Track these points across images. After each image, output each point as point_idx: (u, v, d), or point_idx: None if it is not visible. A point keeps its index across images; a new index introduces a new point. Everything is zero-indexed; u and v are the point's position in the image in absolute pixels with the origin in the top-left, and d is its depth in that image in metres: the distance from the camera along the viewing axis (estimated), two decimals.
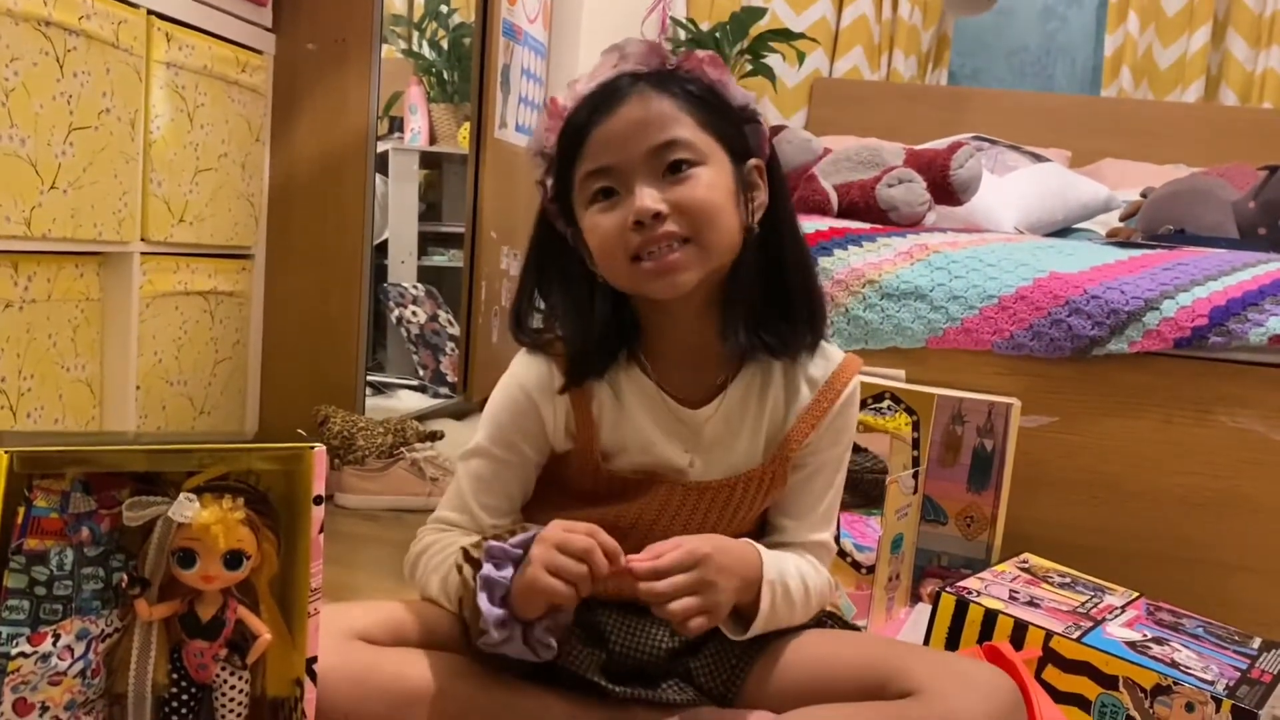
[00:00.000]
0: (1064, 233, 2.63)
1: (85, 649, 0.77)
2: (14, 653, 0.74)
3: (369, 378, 2.43)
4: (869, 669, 0.96)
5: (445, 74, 3.27)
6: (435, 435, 2.10)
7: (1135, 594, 1.39)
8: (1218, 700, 1.10)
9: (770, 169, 1.03)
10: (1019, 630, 1.21)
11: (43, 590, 0.75)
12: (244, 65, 1.99)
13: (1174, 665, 1.16)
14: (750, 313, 1.02)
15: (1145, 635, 1.23)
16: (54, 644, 0.75)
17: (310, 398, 2.13)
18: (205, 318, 1.96)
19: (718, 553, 0.94)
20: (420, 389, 2.97)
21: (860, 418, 1.54)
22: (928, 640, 1.27)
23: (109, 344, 1.70)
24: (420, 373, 3.02)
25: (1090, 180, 2.79)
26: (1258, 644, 1.29)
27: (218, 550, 0.78)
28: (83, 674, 0.77)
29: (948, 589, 1.28)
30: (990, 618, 1.24)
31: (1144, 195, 2.56)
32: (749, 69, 3.40)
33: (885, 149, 2.15)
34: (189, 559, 0.78)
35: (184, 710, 0.81)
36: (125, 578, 0.78)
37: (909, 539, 1.54)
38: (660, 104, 0.97)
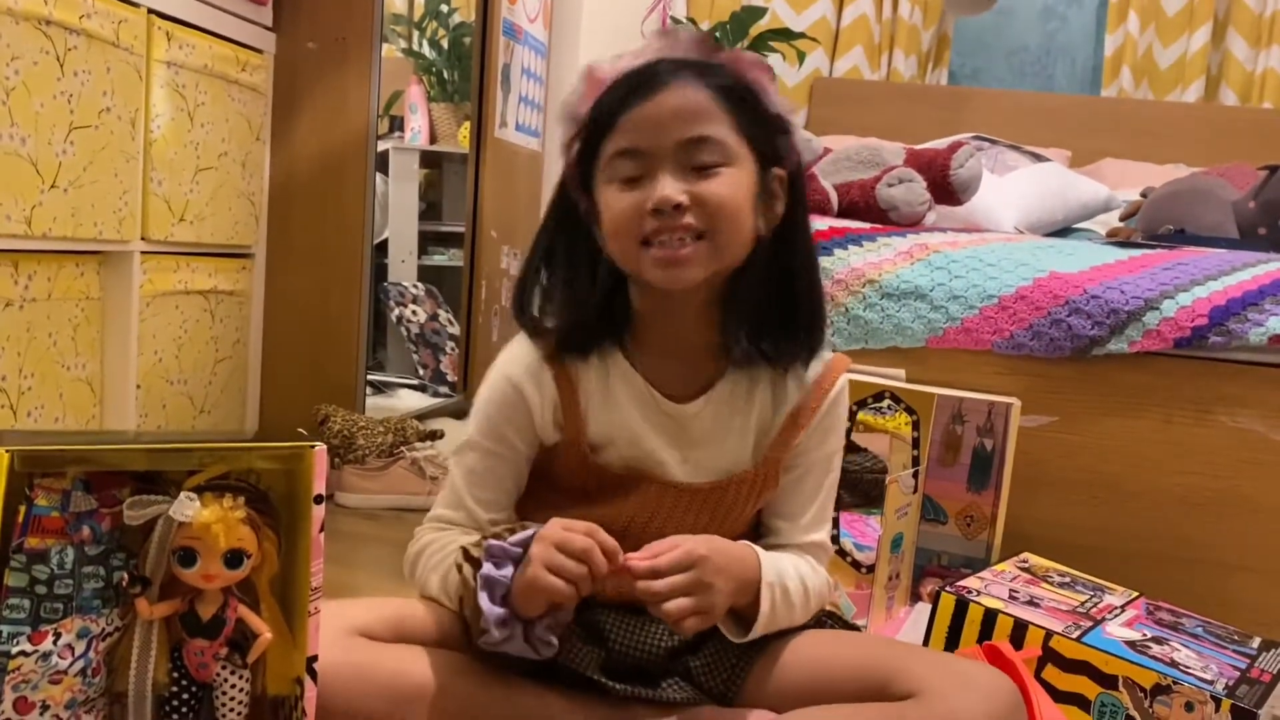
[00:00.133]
0: (1064, 232, 2.63)
1: (86, 648, 0.77)
2: (15, 651, 0.74)
3: (369, 377, 2.43)
4: (869, 669, 0.96)
5: (445, 73, 3.27)
6: (435, 434, 2.10)
7: (1135, 594, 1.40)
8: (1217, 700, 1.10)
9: (794, 182, 1.03)
10: (1019, 630, 1.21)
11: (43, 589, 0.75)
12: (244, 64, 1.99)
13: (1173, 665, 1.16)
14: (752, 319, 1.02)
15: (1145, 635, 1.24)
16: (55, 643, 0.75)
17: (310, 397, 2.13)
18: (205, 317, 1.96)
19: (715, 554, 0.94)
20: (420, 388, 2.97)
21: (860, 417, 1.55)
22: (927, 639, 1.27)
23: (109, 343, 1.70)
24: (420, 372, 3.02)
25: (1090, 180, 2.79)
26: (1257, 643, 1.29)
27: (218, 549, 0.78)
28: (83, 673, 0.77)
29: (948, 588, 1.28)
30: (990, 617, 1.24)
31: (1144, 195, 2.56)
32: None
33: (885, 149, 2.15)
34: (190, 558, 0.78)
35: (184, 709, 0.81)
36: (126, 576, 0.78)
37: (909, 538, 1.54)
38: (699, 97, 0.96)
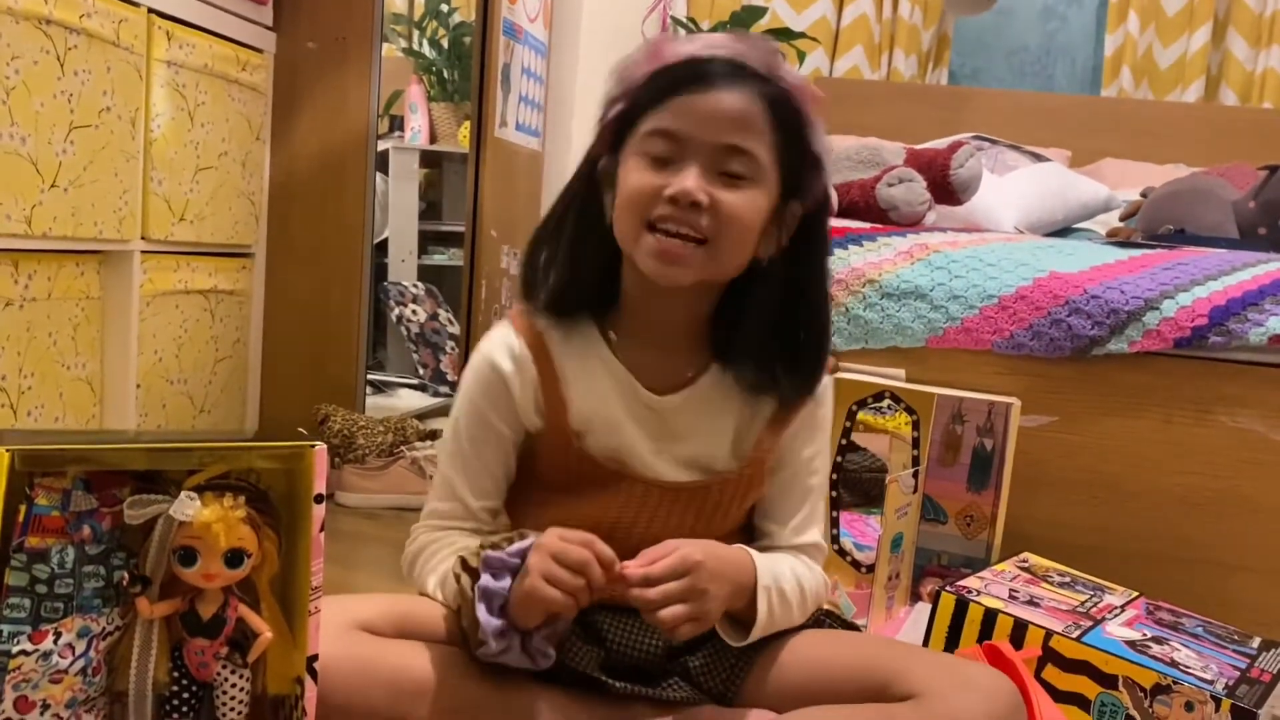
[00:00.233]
0: (1064, 232, 2.63)
1: (86, 647, 0.77)
2: (15, 650, 0.74)
3: (369, 376, 2.43)
4: (869, 670, 0.96)
5: (445, 73, 3.27)
6: (435, 434, 2.10)
7: (1135, 593, 1.40)
8: (1217, 699, 1.10)
9: (816, 224, 1.03)
10: (1019, 629, 1.21)
11: (44, 588, 0.75)
12: (244, 64, 1.99)
13: (1173, 664, 1.16)
14: (753, 349, 1.02)
15: (1145, 634, 1.24)
16: (55, 642, 0.75)
17: (310, 396, 2.13)
18: (205, 316, 1.96)
19: (710, 559, 0.94)
20: (420, 387, 2.98)
21: (860, 417, 1.55)
22: (927, 639, 1.27)
23: (109, 342, 1.70)
24: (420, 371, 3.03)
25: (1090, 180, 2.79)
26: (1257, 643, 1.29)
27: (219, 548, 0.78)
28: (84, 672, 0.77)
29: (947, 588, 1.28)
30: (990, 617, 1.24)
31: (1144, 195, 2.56)
32: None
33: (885, 148, 2.15)
34: (190, 557, 0.78)
35: (185, 708, 0.81)
36: (126, 576, 0.78)
37: (909, 538, 1.54)
38: (753, 109, 0.96)
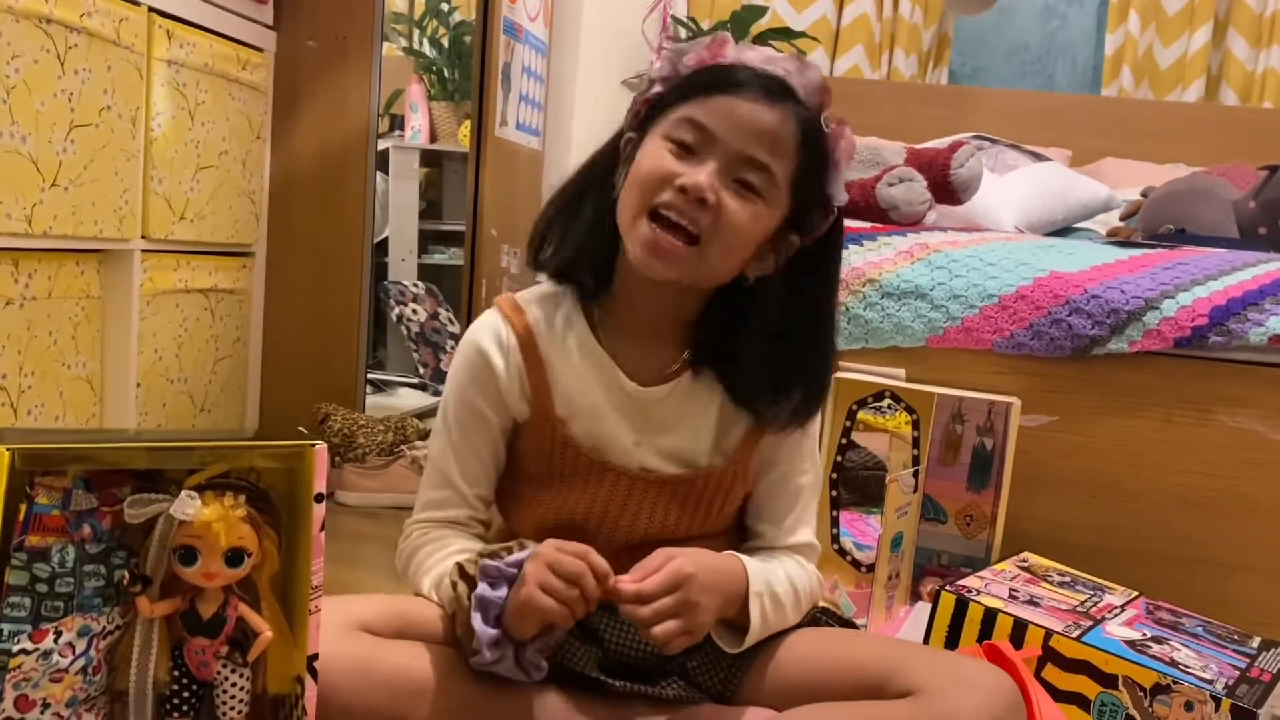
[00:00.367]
0: (1064, 232, 2.63)
1: (87, 646, 0.77)
2: (15, 649, 0.74)
3: (369, 375, 2.43)
4: (868, 668, 0.96)
5: (446, 72, 3.27)
6: None
7: (1135, 593, 1.40)
8: (1217, 699, 1.11)
9: (827, 258, 1.04)
10: (1019, 629, 1.21)
11: (44, 587, 0.75)
12: (245, 63, 1.99)
13: (1173, 664, 1.16)
14: (745, 370, 1.03)
15: (1145, 634, 1.24)
16: (55, 641, 0.75)
17: (311, 395, 2.13)
18: (206, 315, 1.96)
19: (702, 571, 0.94)
20: (420, 387, 2.98)
21: (860, 417, 1.55)
22: (927, 639, 1.27)
23: (109, 341, 1.70)
24: (420, 370, 3.03)
25: (1090, 180, 2.79)
26: (1257, 643, 1.29)
27: (219, 548, 0.78)
28: (84, 671, 0.77)
29: (947, 587, 1.28)
30: (990, 616, 1.24)
31: (1144, 195, 2.56)
32: None
33: (886, 148, 2.15)
34: (190, 556, 0.78)
35: (185, 707, 0.81)
36: (127, 575, 0.78)
37: (909, 537, 1.54)
38: (787, 131, 0.98)
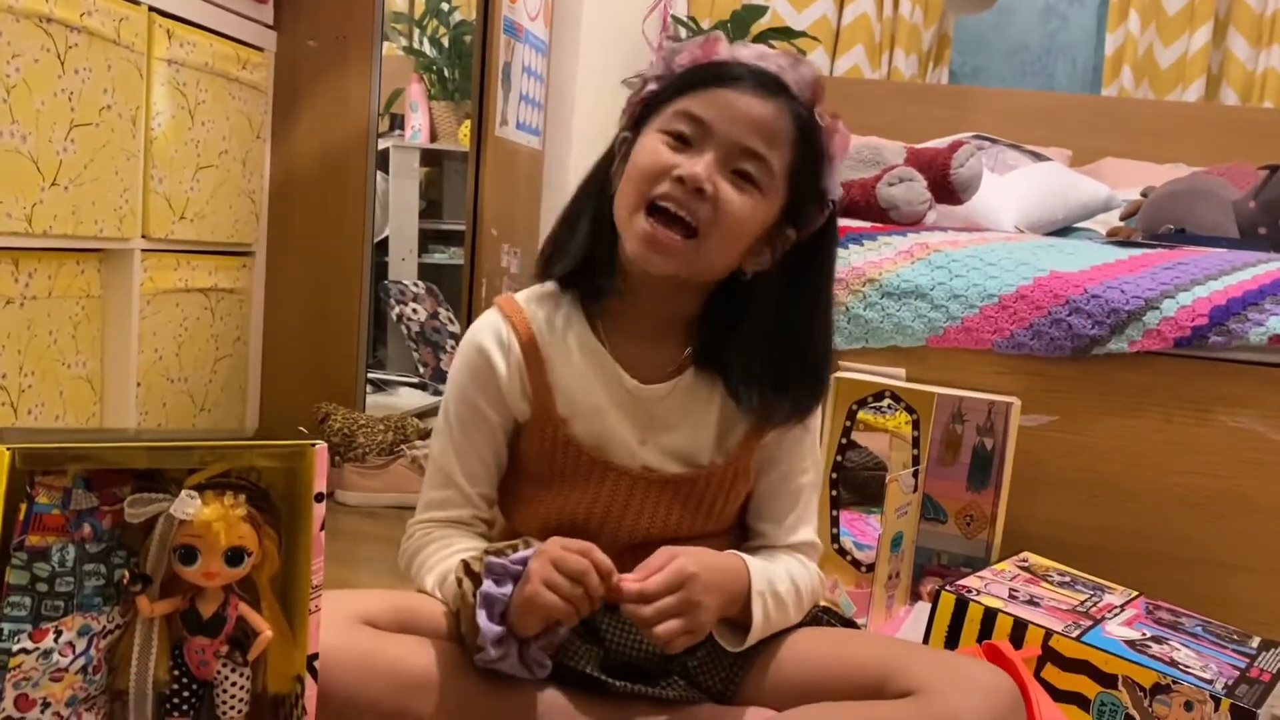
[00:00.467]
0: (1064, 232, 2.63)
1: (87, 645, 0.77)
2: (16, 649, 0.74)
3: (369, 375, 2.43)
4: (868, 668, 0.96)
5: (446, 71, 3.27)
6: None
7: (1134, 593, 1.40)
8: (1216, 699, 1.11)
9: (823, 252, 1.05)
10: (1018, 629, 1.22)
11: (44, 587, 0.75)
12: (245, 62, 1.99)
13: (1173, 664, 1.16)
14: (741, 365, 1.03)
15: (1144, 634, 1.24)
16: (56, 640, 0.75)
17: (311, 395, 2.13)
18: (206, 315, 1.96)
19: (704, 571, 0.95)
20: (420, 386, 2.98)
21: (860, 416, 1.55)
22: (927, 638, 1.27)
23: (110, 341, 1.70)
24: (420, 370, 3.03)
25: (1091, 179, 2.79)
26: (1256, 643, 1.29)
27: (219, 547, 0.78)
28: (84, 670, 0.77)
29: (947, 587, 1.28)
30: (990, 616, 1.24)
31: (1144, 194, 2.56)
32: None
33: (886, 148, 2.15)
34: (190, 556, 0.78)
35: (185, 706, 0.81)
36: (127, 574, 0.78)
37: (909, 537, 1.54)
38: (782, 124, 0.98)
